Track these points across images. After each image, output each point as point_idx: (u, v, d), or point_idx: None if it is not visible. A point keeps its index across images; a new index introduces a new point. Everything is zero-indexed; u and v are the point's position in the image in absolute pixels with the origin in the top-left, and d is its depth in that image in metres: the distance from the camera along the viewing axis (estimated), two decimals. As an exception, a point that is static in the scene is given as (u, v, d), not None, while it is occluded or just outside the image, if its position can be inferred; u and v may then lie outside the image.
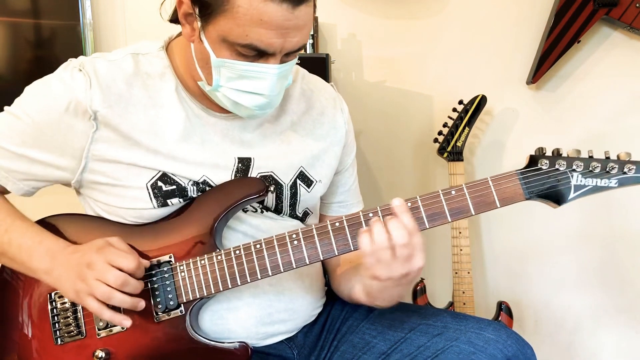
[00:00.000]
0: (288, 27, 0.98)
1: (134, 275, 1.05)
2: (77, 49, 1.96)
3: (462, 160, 1.92)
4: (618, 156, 1.01)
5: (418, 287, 2.00)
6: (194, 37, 1.06)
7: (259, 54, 1.01)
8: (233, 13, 0.97)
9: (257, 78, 1.04)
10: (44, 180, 1.16)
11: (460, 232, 1.91)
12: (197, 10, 1.02)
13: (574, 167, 1.01)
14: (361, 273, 1.07)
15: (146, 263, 1.09)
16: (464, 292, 1.92)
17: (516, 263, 2.13)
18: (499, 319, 1.96)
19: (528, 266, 2.13)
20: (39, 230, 1.13)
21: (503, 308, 1.98)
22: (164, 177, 1.11)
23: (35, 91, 1.12)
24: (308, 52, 1.91)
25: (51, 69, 1.15)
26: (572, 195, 1.01)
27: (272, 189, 1.17)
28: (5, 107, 1.14)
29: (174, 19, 1.12)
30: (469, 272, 1.91)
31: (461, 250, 1.91)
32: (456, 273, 1.92)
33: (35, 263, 1.09)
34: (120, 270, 1.03)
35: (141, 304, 1.07)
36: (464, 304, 1.92)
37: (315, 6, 1.04)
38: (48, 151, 1.11)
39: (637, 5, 1.88)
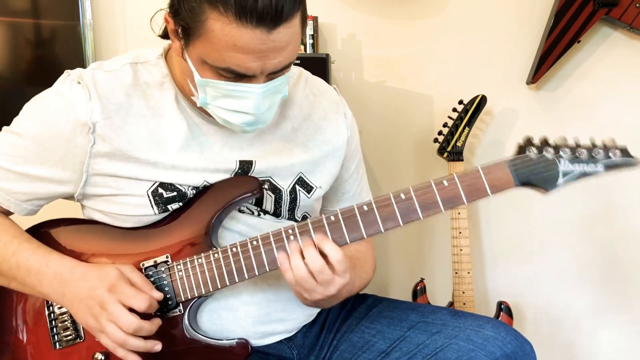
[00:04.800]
0: (265, 50, 0.95)
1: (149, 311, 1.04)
2: (77, 49, 1.96)
3: (462, 160, 1.92)
4: (603, 142, 1.03)
5: (418, 287, 1.99)
6: (181, 54, 1.05)
7: (240, 76, 0.99)
8: (208, 38, 0.96)
9: (242, 97, 1.02)
10: (47, 198, 1.15)
11: (460, 232, 1.91)
12: (179, 31, 1.01)
13: (561, 153, 1.03)
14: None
15: (159, 295, 1.07)
16: (464, 292, 1.92)
17: (516, 263, 2.13)
18: (499, 318, 1.96)
19: (528, 266, 2.13)
20: (46, 251, 1.10)
21: (503, 308, 1.98)
22: (165, 184, 1.11)
23: (34, 107, 1.11)
24: (308, 52, 1.91)
25: (51, 69, 1.14)
26: (560, 180, 1.02)
27: (266, 186, 1.17)
28: (4, 127, 1.13)
29: (165, 34, 1.11)
30: (469, 272, 1.91)
31: (461, 250, 1.91)
32: (456, 273, 1.92)
33: (46, 288, 1.07)
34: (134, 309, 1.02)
35: (157, 347, 1.05)
36: (464, 304, 1.91)
37: (305, 19, 1.01)
38: (50, 166, 1.10)
39: (637, 5, 1.88)
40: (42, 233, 1.16)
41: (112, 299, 1.02)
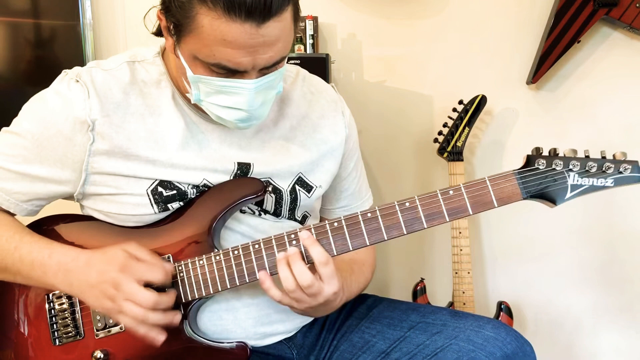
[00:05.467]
0: (255, 45, 0.96)
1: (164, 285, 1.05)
2: (77, 49, 1.96)
3: (462, 160, 1.92)
4: (614, 156, 1.02)
5: (418, 287, 1.99)
6: (173, 51, 1.05)
7: (231, 72, 0.99)
8: (198, 33, 0.96)
9: (235, 93, 1.02)
10: (47, 198, 1.16)
11: (460, 232, 1.91)
12: (171, 27, 1.01)
13: (571, 166, 1.01)
14: None
15: (170, 266, 1.07)
16: (464, 292, 1.92)
17: (516, 263, 2.13)
18: (499, 319, 1.96)
19: (528, 266, 2.13)
20: (47, 242, 1.10)
21: (503, 308, 1.98)
22: (164, 183, 1.11)
23: (33, 107, 1.12)
24: (308, 52, 1.91)
25: (51, 69, 1.14)
26: (568, 194, 1.02)
27: (270, 189, 1.17)
28: (3, 128, 1.14)
29: (158, 32, 1.11)
30: (469, 272, 1.91)
31: (461, 250, 1.91)
32: (456, 273, 1.92)
33: (52, 279, 1.07)
34: (150, 284, 1.02)
35: (177, 317, 1.05)
36: (464, 304, 1.91)
37: (297, 14, 1.01)
38: (49, 165, 1.10)
39: (637, 5, 1.88)
40: (42, 230, 1.16)
41: (126, 278, 1.01)
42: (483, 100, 1.91)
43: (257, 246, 1.08)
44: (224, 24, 0.93)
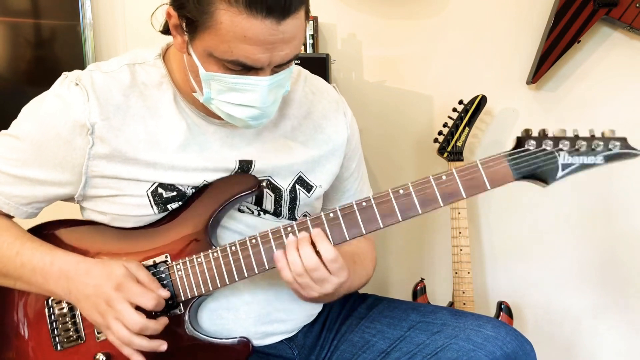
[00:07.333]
0: (274, 41, 0.96)
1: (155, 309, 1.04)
2: (77, 49, 1.96)
3: (462, 160, 1.92)
4: (602, 133, 1.03)
5: (418, 287, 1.99)
6: (184, 49, 1.05)
7: (247, 68, 0.99)
8: (216, 29, 0.95)
9: (248, 90, 1.02)
10: (47, 201, 1.15)
11: (460, 232, 1.91)
12: (184, 24, 1.01)
13: (561, 146, 1.02)
14: None
15: (166, 294, 1.07)
16: (464, 292, 1.92)
17: (516, 263, 2.13)
18: (499, 319, 1.96)
19: (528, 266, 2.13)
20: (49, 249, 1.10)
21: (503, 308, 1.98)
22: (164, 185, 1.11)
23: (32, 110, 1.11)
24: (308, 52, 1.91)
25: (51, 70, 1.14)
26: (560, 174, 1.02)
27: (264, 184, 1.17)
28: (2, 131, 1.13)
29: (166, 30, 1.10)
30: (469, 272, 1.91)
31: (461, 250, 1.91)
32: (456, 273, 1.92)
33: (52, 285, 1.07)
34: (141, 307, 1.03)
35: (162, 347, 1.05)
36: (464, 304, 1.91)
37: (308, 13, 1.02)
38: (48, 169, 1.10)
39: (637, 5, 1.88)
40: (42, 235, 1.16)
41: (119, 298, 1.02)
42: (483, 100, 1.92)
43: (254, 241, 1.07)
44: (244, 20, 0.93)
